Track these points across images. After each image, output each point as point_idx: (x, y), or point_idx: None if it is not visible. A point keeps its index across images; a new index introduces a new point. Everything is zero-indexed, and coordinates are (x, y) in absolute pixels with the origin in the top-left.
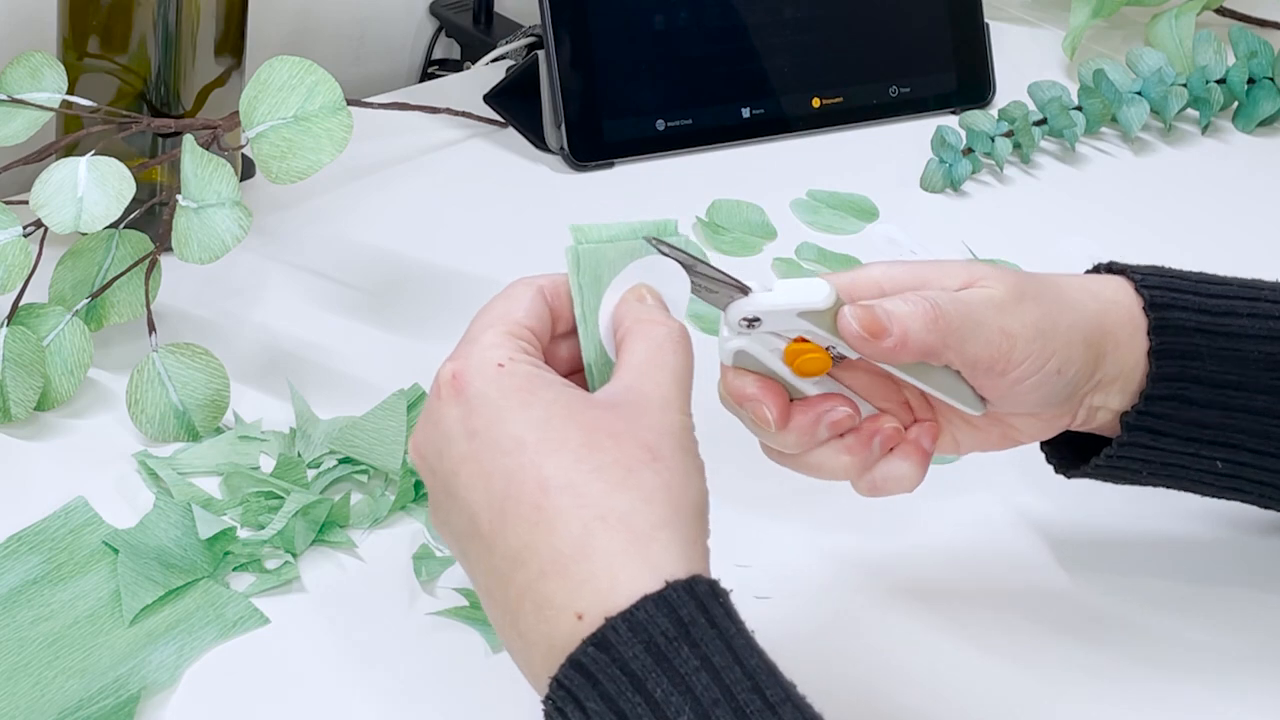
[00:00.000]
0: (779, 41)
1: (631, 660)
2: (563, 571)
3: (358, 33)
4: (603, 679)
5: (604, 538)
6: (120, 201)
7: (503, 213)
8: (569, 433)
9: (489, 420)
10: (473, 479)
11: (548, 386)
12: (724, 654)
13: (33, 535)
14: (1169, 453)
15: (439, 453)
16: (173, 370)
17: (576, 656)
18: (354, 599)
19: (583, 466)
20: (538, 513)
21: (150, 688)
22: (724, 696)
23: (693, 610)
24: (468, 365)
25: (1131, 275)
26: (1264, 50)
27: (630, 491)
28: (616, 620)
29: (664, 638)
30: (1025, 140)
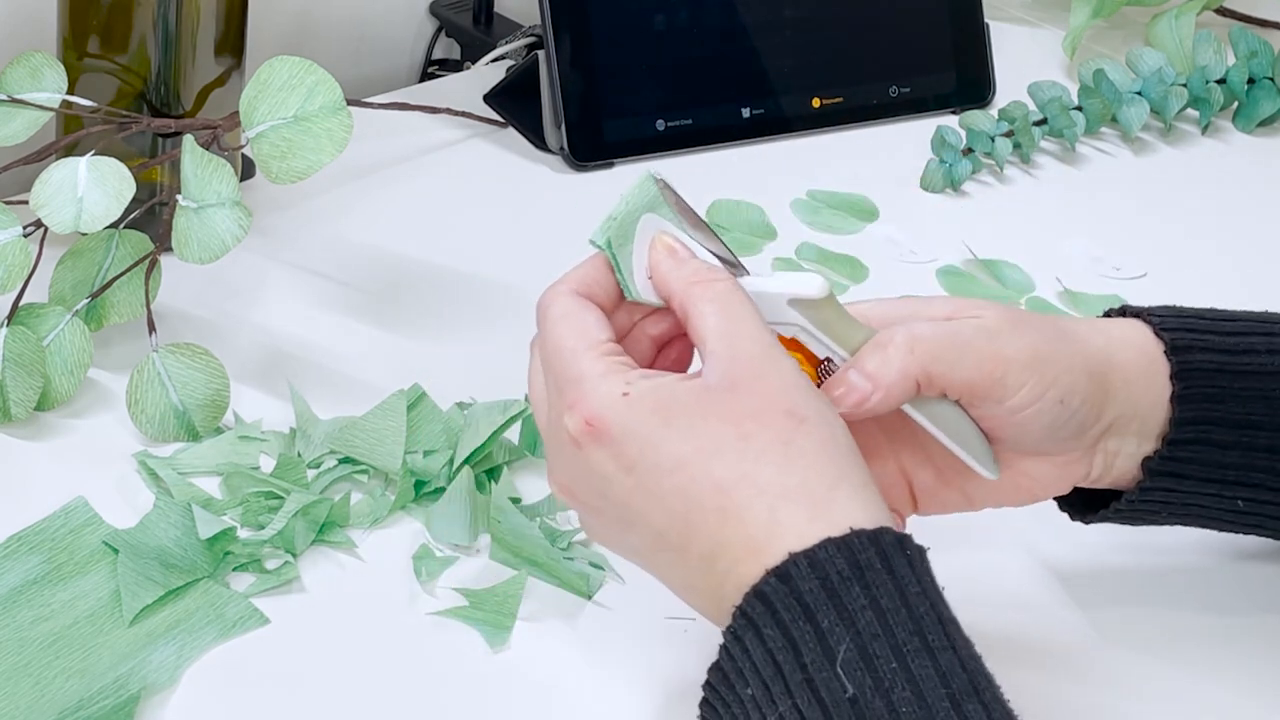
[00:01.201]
0: (779, 41)
1: (807, 593)
2: (759, 553)
3: (358, 33)
4: (780, 608)
5: (789, 513)
6: (120, 201)
7: (503, 213)
8: (719, 431)
9: (641, 449)
10: (647, 505)
11: (674, 395)
12: (893, 597)
13: (33, 535)
14: (1190, 494)
15: (601, 494)
16: (173, 370)
17: (760, 586)
18: (354, 599)
19: (747, 457)
20: (722, 514)
21: (150, 688)
22: (884, 633)
23: (871, 555)
24: (595, 407)
25: (1148, 319)
26: (1264, 50)
27: (797, 463)
28: (799, 556)
29: (838, 576)
30: (1025, 140)
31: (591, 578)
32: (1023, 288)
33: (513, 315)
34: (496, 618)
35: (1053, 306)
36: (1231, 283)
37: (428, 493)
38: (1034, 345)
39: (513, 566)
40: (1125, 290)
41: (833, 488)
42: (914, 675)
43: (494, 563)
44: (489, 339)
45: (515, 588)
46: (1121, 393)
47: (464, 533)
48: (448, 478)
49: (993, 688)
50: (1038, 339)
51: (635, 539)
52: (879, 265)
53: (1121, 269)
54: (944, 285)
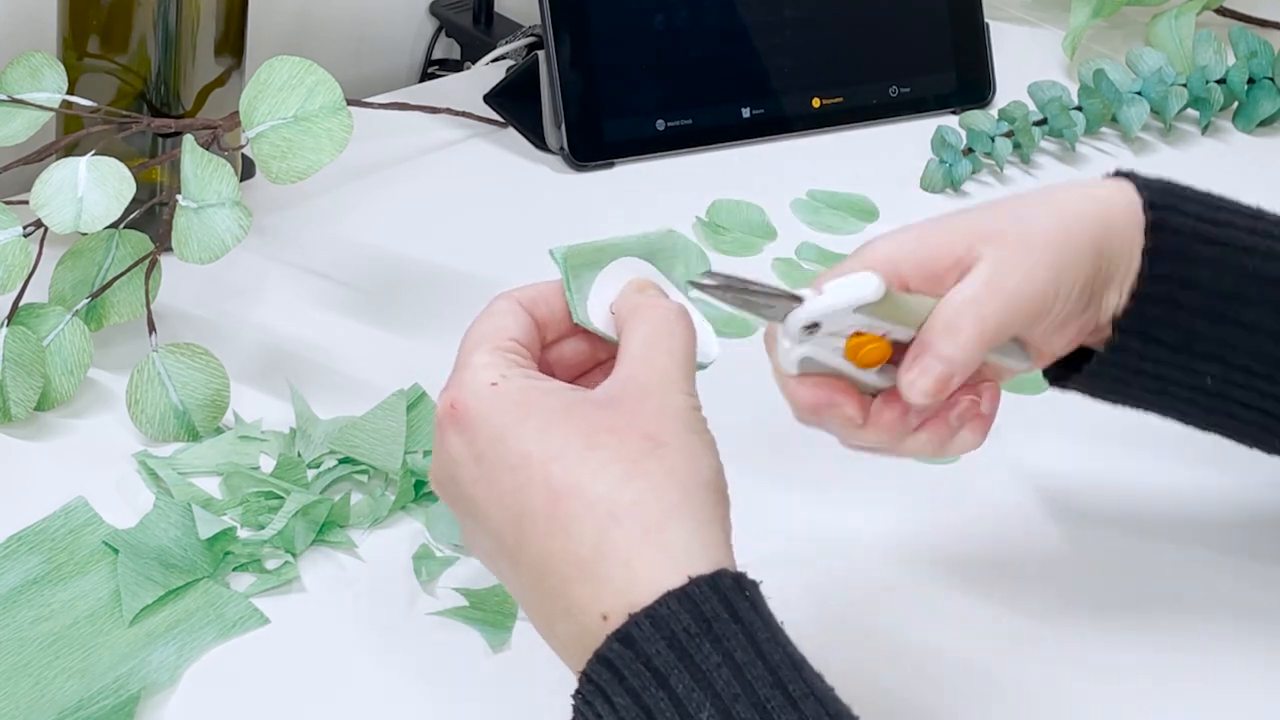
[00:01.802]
0: (779, 41)
1: (654, 656)
2: (584, 574)
3: (358, 33)
4: (628, 674)
5: (618, 534)
6: (120, 201)
7: (503, 213)
8: (569, 436)
9: (491, 440)
10: (488, 500)
11: (544, 394)
12: (746, 649)
13: (33, 535)
14: (1160, 363)
15: (453, 480)
16: (173, 370)
17: (603, 652)
18: (354, 599)
19: (587, 468)
20: (551, 521)
21: (150, 688)
22: (744, 692)
23: (715, 605)
24: (461, 391)
25: (1134, 177)
26: (1264, 50)
27: (636, 483)
28: (640, 616)
29: (685, 634)
30: (1025, 140)
31: None
32: None
33: None
34: (496, 618)
35: None
36: None
37: (428, 493)
38: (1055, 264)
39: None
40: None
41: (668, 515)
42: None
43: None
44: None
45: None
46: (1120, 250)
47: None
48: None
49: None
50: (1053, 254)
51: (480, 537)
52: None
53: None
54: None
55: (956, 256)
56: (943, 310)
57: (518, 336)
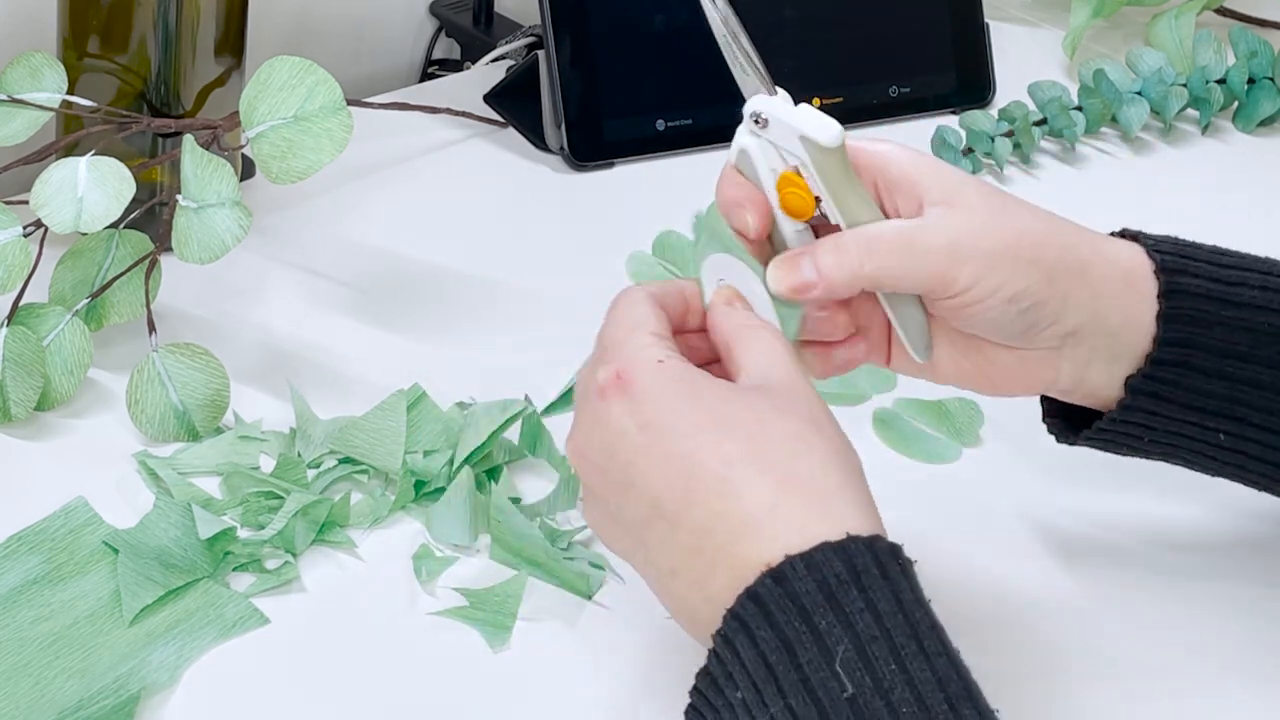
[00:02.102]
0: (779, 41)
1: (803, 595)
2: (756, 532)
3: (358, 33)
4: (775, 609)
5: (790, 499)
6: (120, 201)
7: (503, 213)
8: (739, 413)
9: (660, 410)
10: (651, 466)
11: (705, 379)
12: (889, 602)
13: (33, 535)
14: (1172, 420)
15: (609, 450)
16: (173, 370)
17: (754, 588)
18: (354, 599)
19: (759, 439)
20: (724, 484)
21: (150, 688)
22: (882, 635)
23: (868, 561)
24: (629, 364)
25: (1144, 240)
26: (1264, 50)
27: (808, 457)
28: (795, 559)
29: (836, 579)
30: (1025, 140)
31: (591, 578)
32: None
33: (512, 315)
34: (496, 618)
35: None
36: None
37: (428, 493)
38: (993, 245)
39: (513, 566)
40: None
41: (837, 490)
42: (913, 678)
43: (494, 563)
44: (489, 339)
45: (515, 588)
46: (1087, 303)
47: (464, 533)
48: (448, 478)
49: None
50: (1001, 238)
51: (632, 505)
52: None
53: None
54: None
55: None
56: (849, 232)
57: (665, 328)
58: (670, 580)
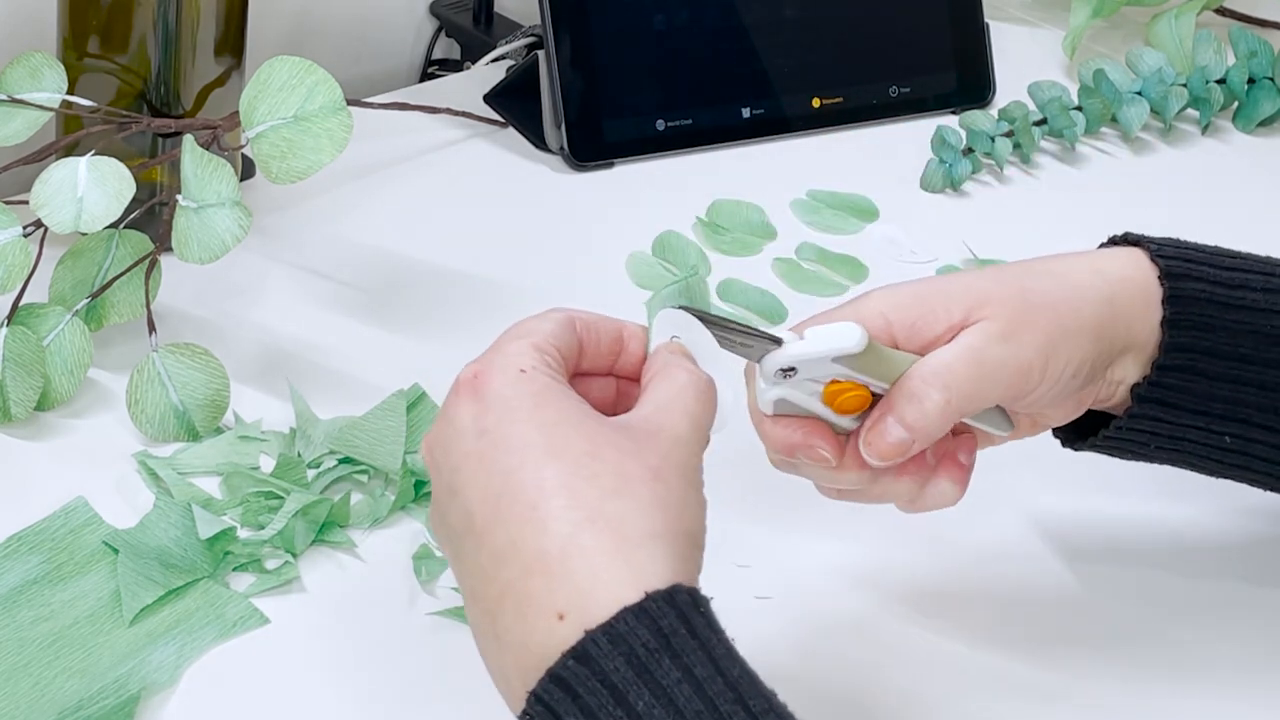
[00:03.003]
0: (779, 41)
1: (612, 673)
2: (546, 570)
3: (358, 33)
4: (583, 692)
5: (591, 539)
6: (120, 201)
7: (503, 213)
8: (575, 440)
9: (500, 419)
10: (474, 475)
11: (564, 397)
12: (706, 665)
13: (33, 535)
14: (1179, 425)
15: (446, 448)
16: (173, 370)
17: (556, 670)
18: (354, 599)
19: (582, 472)
20: (531, 512)
21: (150, 688)
22: (706, 708)
23: (673, 621)
24: (489, 367)
25: (1147, 245)
26: (1264, 50)
27: (625, 499)
28: (596, 633)
29: (644, 649)
30: (1025, 140)
31: None
32: None
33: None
34: None
35: None
36: None
37: (428, 493)
38: (1047, 342)
39: None
40: None
41: (647, 537)
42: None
43: None
44: (489, 339)
45: None
46: (1124, 330)
47: None
48: None
49: None
50: (1047, 331)
51: (454, 514)
52: (879, 265)
53: None
54: None
55: (951, 320)
56: (914, 372)
57: (558, 345)
58: (469, 602)
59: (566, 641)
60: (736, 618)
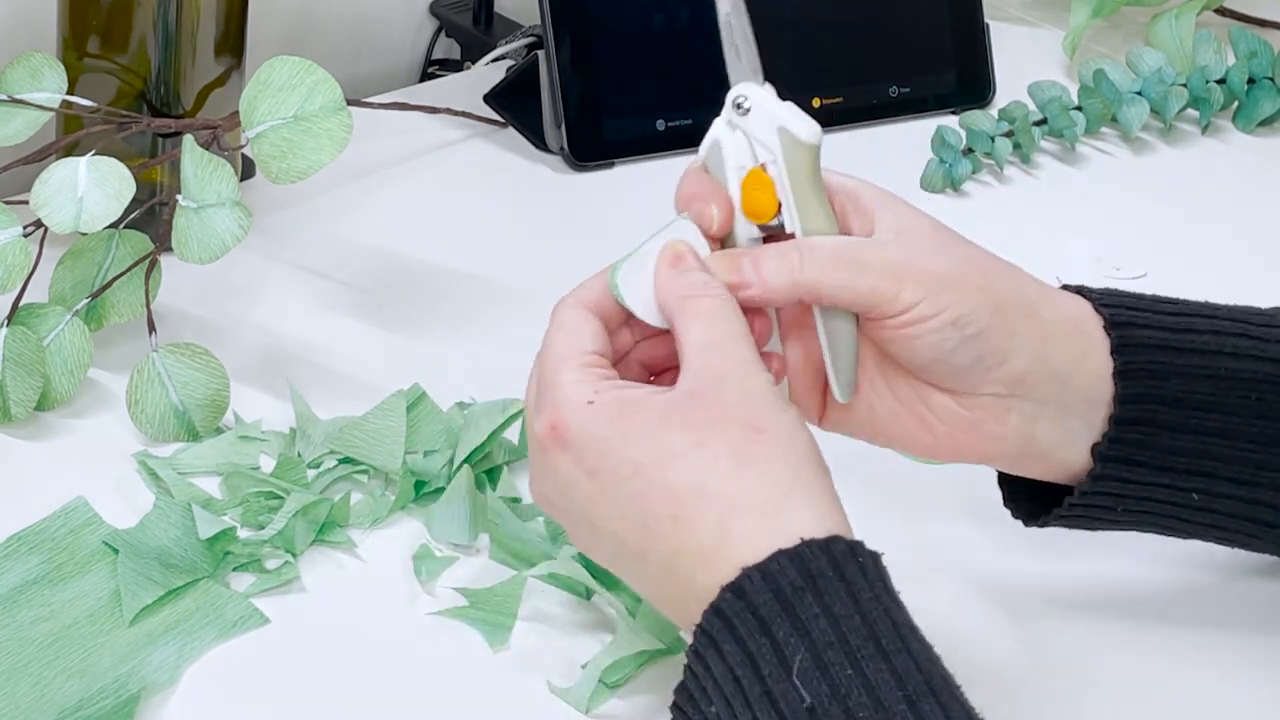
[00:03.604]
0: (779, 41)
1: (761, 606)
2: (710, 562)
3: (358, 33)
4: (736, 622)
5: (739, 523)
6: (120, 201)
7: (503, 213)
8: (675, 439)
9: (601, 455)
10: (609, 511)
11: (639, 403)
12: (846, 604)
13: (33, 535)
14: (1143, 485)
15: (567, 498)
16: (173, 370)
17: (717, 603)
18: (354, 599)
19: (699, 465)
20: (676, 522)
21: (150, 688)
22: (838, 640)
23: (823, 564)
24: (560, 412)
25: (1088, 295)
26: (1264, 50)
27: (747, 472)
28: (751, 570)
29: (791, 587)
30: (1025, 140)
31: None
32: None
33: (512, 315)
34: (496, 618)
35: None
36: (1232, 282)
37: (428, 493)
38: (941, 267)
39: (512, 567)
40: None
41: (785, 497)
42: (869, 680)
43: (494, 563)
44: (489, 339)
45: (515, 588)
46: (1034, 344)
47: (464, 533)
48: (448, 478)
49: (950, 687)
50: (949, 261)
51: (603, 545)
52: None
53: (1121, 269)
54: None
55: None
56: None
57: (597, 348)
58: (654, 602)
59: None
60: None
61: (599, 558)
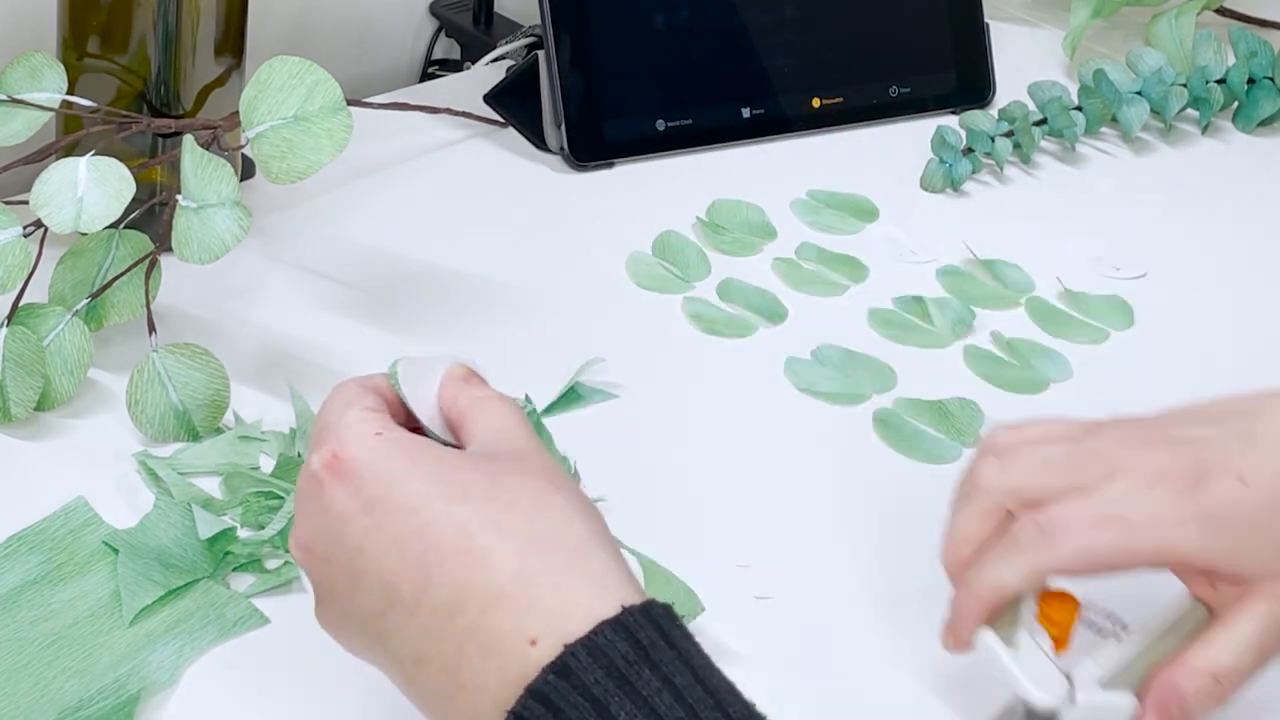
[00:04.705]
0: (779, 41)
1: (593, 685)
2: (506, 602)
3: (358, 33)
4: (565, 706)
5: (538, 560)
6: (120, 201)
7: (503, 213)
8: (468, 478)
9: (385, 485)
10: (383, 548)
11: (427, 447)
12: (685, 674)
13: (33, 535)
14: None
15: (335, 538)
16: (173, 370)
17: (537, 687)
18: None
19: (495, 504)
20: (465, 555)
21: (150, 688)
22: (688, 714)
23: (651, 633)
24: (344, 442)
25: None
26: (1264, 50)
27: (549, 515)
28: (576, 647)
29: (624, 661)
30: (1025, 140)
31: None
32: (1023, 288)
33: (512, 315)
34: None
35: (1052, 306)
36: (1232, 282)
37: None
38: None
39: None
40: (1125, 290)
41: (588, 543)
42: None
43: None
44: (489, 339)
45: None
46: None
47: None
48: None
49: None
50: None
51: (364, 595)
52: (879, 265)
53: (1121, 269)
54: (944, 285)
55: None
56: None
57: (379, 406)
58: (416, 671)
59: (544, 660)
60: (736, 618)
61: (352, 627)
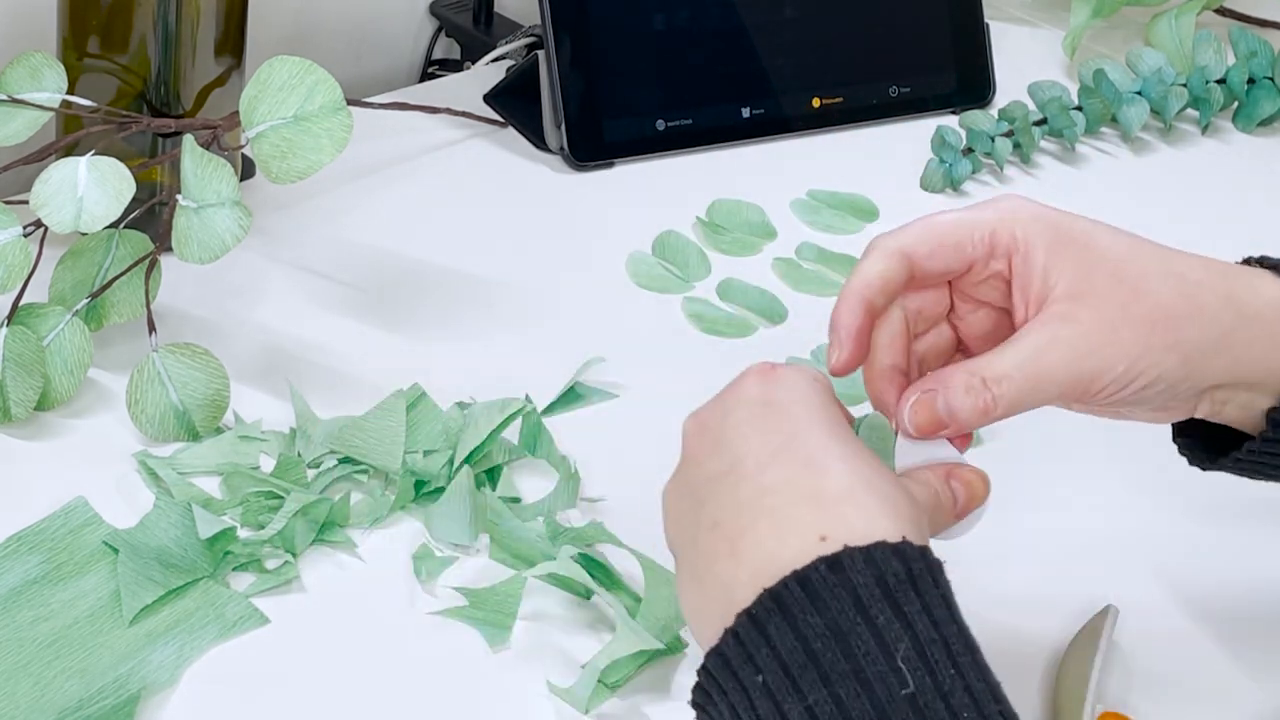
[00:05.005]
0: (779, 41)
1: (860, 587)
2: (818, 504)
3: (358, 33)
4: (828, 596)
5: (865, 495)
6: (120, 201)
7: (503, 213)
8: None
9: (788, 396)
10: (751, 430)
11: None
12: (942, 609)
13: (33, 535)
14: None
15: (725, 412)
16: (173, 370)
17: (805, 572)
18: (354, 599)
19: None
20: (810, 463)
21: (150, 688)
22: (940, 639)
23: (922, 568)
24: (783, 367)
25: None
26: (1264, 50)
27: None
28: (854, 550)
29: (894, 578)
30: (1025, 140)
31: None
32: None
33: (512, 315)
34: (496, 617)
35: None
36: None
37: (428, 492)
38: (1127, 349)
39: (512, 567)
40: None
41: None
42: (970, 685)
43: (494, 563)
44: (489, 339)
45: (515, 588)
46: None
47: (464, 532)
48: (448, 477)
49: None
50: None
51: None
52: None
53: None
54: None
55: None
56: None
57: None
58: (706, 535)
59: (824, 552)
60: None
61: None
